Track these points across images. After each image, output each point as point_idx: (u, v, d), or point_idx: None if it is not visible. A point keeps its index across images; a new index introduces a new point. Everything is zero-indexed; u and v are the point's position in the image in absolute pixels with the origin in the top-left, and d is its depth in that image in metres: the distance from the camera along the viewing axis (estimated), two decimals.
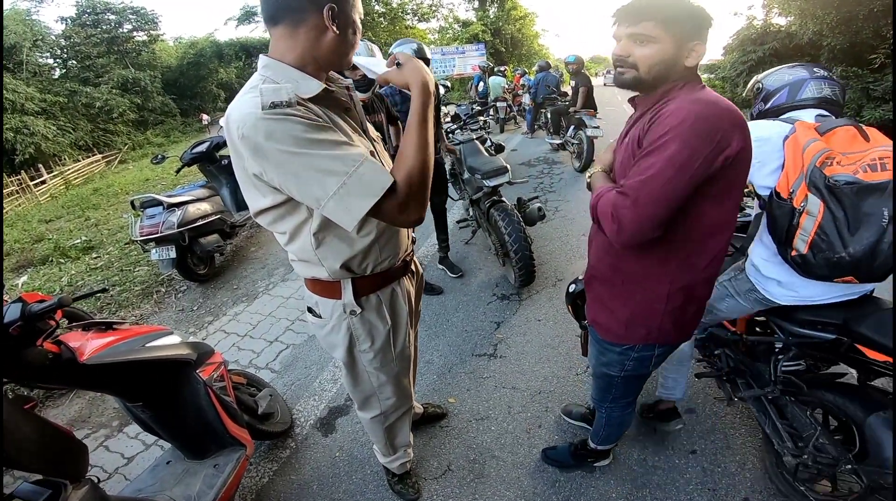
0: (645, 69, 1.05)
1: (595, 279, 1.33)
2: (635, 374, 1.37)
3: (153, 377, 1.54)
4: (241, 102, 0.91)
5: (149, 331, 1.62)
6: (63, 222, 8.90)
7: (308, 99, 0.96)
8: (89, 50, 24.65)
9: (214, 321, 3.44)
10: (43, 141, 19.05)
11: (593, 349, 1.44)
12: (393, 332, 1.33)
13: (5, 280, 5.23)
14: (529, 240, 3.13)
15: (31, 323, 1.28)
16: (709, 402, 2.12)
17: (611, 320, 1.28)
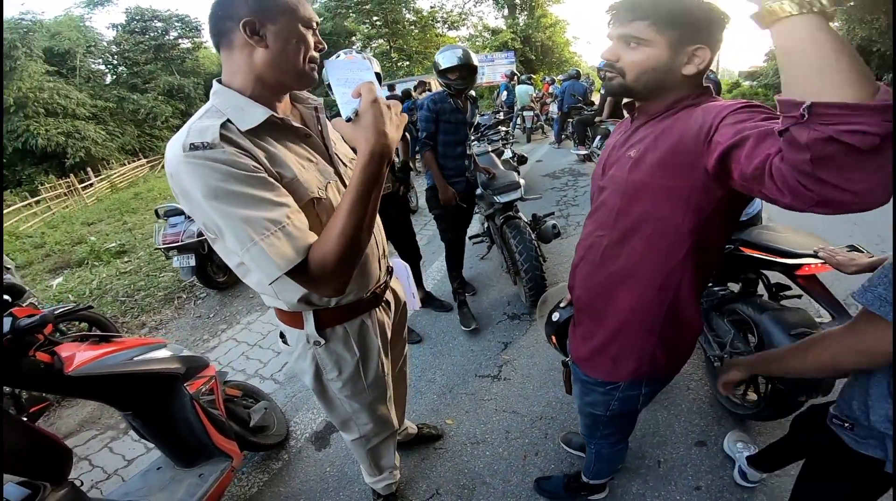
0: (632, 77, 0.94)
1: (581, 312, 1.23)
2: (622, 413, 1.28)
3: (141, 388, 1.59)
4: (174, 138, 0.86)
5: (142, 344, 1.66)
6: (103, 224, 9.35)
7: (254, 128, 0.91)
8: (137, 57, 25.73)
9: (228, 330, 3.51)
10: (93, 145, 20.06)
11: (576, 387, 1.35)
12: (362, 363, 1.28)
13: (44, 281, 5.52)
14: (542, 259, 3.05)
15: (20, 336, 1.34)
16: (722, 435, 2.00)
17: (596, 355, 1.18)
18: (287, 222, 0.85)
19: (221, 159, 0.81)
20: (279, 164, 0.93)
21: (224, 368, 2.97)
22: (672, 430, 2.05)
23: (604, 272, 1.09)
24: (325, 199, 1.00)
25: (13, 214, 11.96)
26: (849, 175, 0.58)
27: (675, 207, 0.91)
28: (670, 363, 1.14)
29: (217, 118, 0.88)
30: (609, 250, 1.07)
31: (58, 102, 19.31)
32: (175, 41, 27.69)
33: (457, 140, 2.81)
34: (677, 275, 0.99)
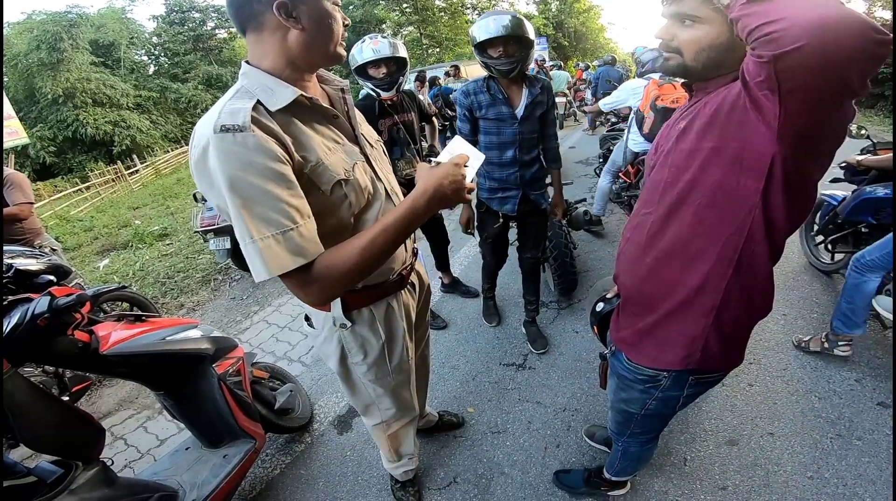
0: (691, 56, 0.88)
1: (629, 300, 1.15)
2: (658, 413, 1.22)
3: (172, 368, 1.63)
4: (205, 118, 0.86)
5: (175, 324, 1.71)
6: (147, 209, 9.76)
7: (282, 108, 0.91)
8: (177, 47, 26.48)
9: (260, 312, 3.60)
10: (137, 133, 20.86)
11: (612, 382, 1.30)
12: (388, 346, 1.29)
13: (92, 262, 5.81)
14: (572, 246, 2.98)
15: (57, 315, 1.39)
16: (756, 434, 1.93)
17: (641, 337, 1.10)
18: (291, 227, 0.84)
19: (250, 145, 0.81)
20: (305, 148, 0.92)
21: (254, 349, 3.06)
22: (702, 427, 1.99)
23: (651, 253, 1.02)
24: (351, 180, 1.00)
25: (64, 199, 12.62)
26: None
27: (726, 169, 0.85)
28: (725, 353, 1.03)
29: (248, 100, 0.87)
30: (655, 226, 1.00)
31: (104, 92, 20.12)
32: (212, 31, 28.35)
33: (502, 142, 2.14)
34: (734, 246, 0.90)
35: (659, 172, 1.00)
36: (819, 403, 2.06)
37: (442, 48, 27.59)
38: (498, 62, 1.95)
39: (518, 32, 1.89)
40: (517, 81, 2.07)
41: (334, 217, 1.00)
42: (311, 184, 0.93)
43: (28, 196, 2.90)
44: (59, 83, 18.63)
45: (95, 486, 1.35)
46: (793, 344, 2.41)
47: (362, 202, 1.04)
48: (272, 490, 1.96)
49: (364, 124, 1.20)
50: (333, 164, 0.96)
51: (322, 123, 1.01)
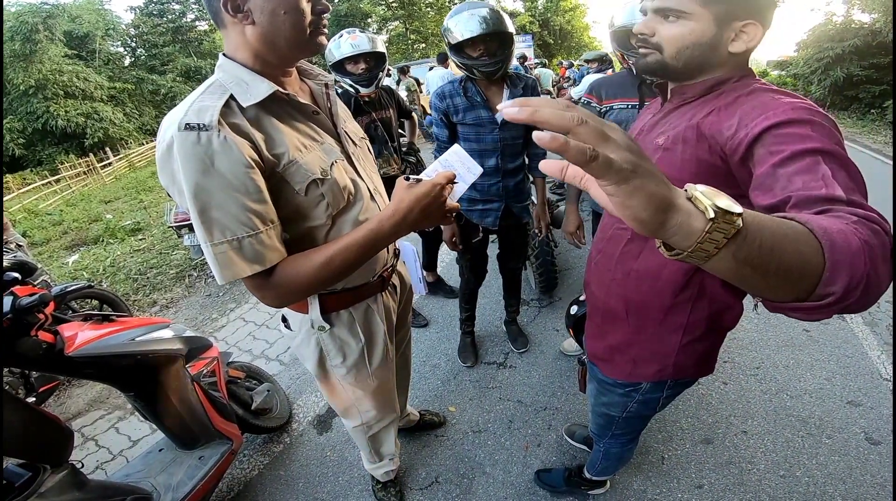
0: (672, 52, 0.83)
1: (597, 311, 1.14)
2: (640, 415, 1.22)
3: (143, 369, 1.57)
4: (173, 112, 0.82)
5: (145, 324, 1.65)
6: (120, 202, 9.48)
7: (259, 104, 0.87)
8: (156, 39, 25.80)
9: (236, 309, 3.52)
10: (111, 126, 20.26)
11: (592, 386, 1.29)
12: (367, 349, 1.25)
13: (60, 258, 5.61)
14: (554, 244, 2.99)
15: (20, 316, 1.33)
16: (730, 433, 1.97)
17: (614, 354, 1.11)
18: (249, 233, 0.82)
19: (214, 145, 0.78)
20: (277, 145, 0.89)
21: (231, 348, 2.99)
22: (678, 425, 2.01)
23: (622, 269, 1.01)
24: (329, 179, 0.96)
25: (33, 192, 12.18)
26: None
27: None
28: (696, 365, 1.05)
29: (219, 96, 0.84)
30: (630, 246, 0.99)
31: (76, 84, 19.50)
32: (192, 23, 27.70)
33: (483, 150, 1.94)
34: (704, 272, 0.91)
35: None
36: (791, 401, 2.11)
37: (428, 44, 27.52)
38: (479, 63, 1.76)
39: (498, 28, 1.71)
40: (497, 82, 1.89)
41: (309, 218, 0.97)
42: (283, 183, 0.90)
43: None
44: (31, 75, 18.01)
45: (65, 489, 1.31)
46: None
47: (341, 203, 1.00)
48: (250, 491, 1.92)
49: (350, 121, 1.17)
50: (308, 163, 0.92)
51: (300, 120, 0.97)
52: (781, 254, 0.45)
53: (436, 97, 1.96)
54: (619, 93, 1.84)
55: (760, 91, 0.79)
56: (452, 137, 2.01)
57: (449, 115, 1.94)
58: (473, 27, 1.70)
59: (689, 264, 0.88)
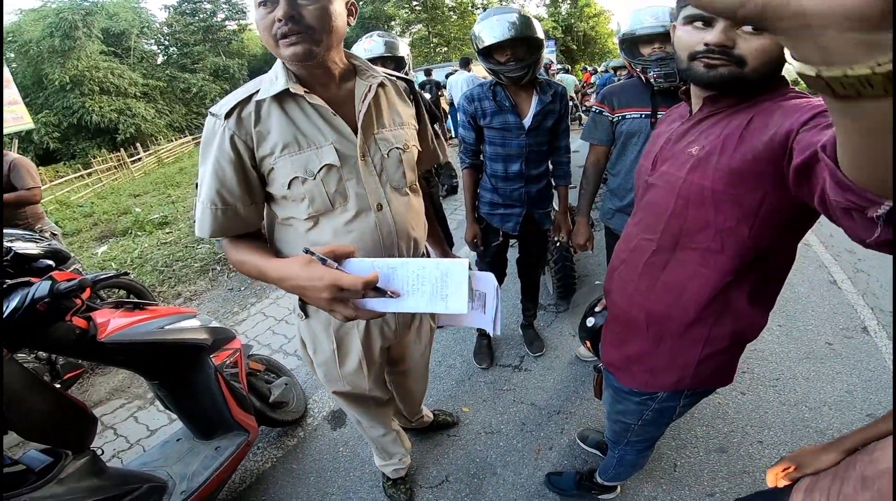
0: (756, 65, 0.79)
1: (617, 320, 1.14)
2: (655, 423, 1.21)
3: (169, 358, 1.62)
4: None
5: (173, 313, 1.70)
6: (148, 197, 9.74)
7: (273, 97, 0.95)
8: (188, 38, 26.49)
9: (257, 303, 3.60)
10: (142, 122, 20.93)
11: (608, 394, 1.28)
12: (339, 355, 1.23)
13: (90, 248, 5.81)
14: (573, 250, 2.98)
15: (57, 300, 1.37)
16: (746, 442, 1.94)
17: (631, 364, 1.10)
18: (217, 206, 0.98)
19: (217, 132, 0.95)
20: (268, 144, 0.97)
21: (250, 341, 3.05)
22: (693, 434, 2.00)
23: (647, 280, 1.00)
24: (311, 180, 0.98)
25: (66, 184, 12.61)
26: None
27: (741, 216, 0.82)
28: (718, 374, 1.03)
29: (246, 91, 0.97)
30: (656, 257, 0.97)
31: (111, 80, 20.18)
32: (222, 23, 28.39)
33: (507, 155, 1.96)
34: (734, 287, 0.90)
35: (662, 197, 0.94)
36: (809, 413, 2.07)
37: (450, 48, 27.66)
38: (506, 68, 1.77)
39: (527, 33, 1.72)
40: (527, 87, 1.89)
41: (291, 210, 1.03)
42: (270, 174, 0.99)
43: (36, 180, 2.90)
44: (68, 71, 18.72)
45: (84, 476, 1.34)
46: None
47: (322, 208, 1.01)
48: (262, 483, 1.96)
49: (399, 127, 1.12)
50: (295, 162, 0.97)
51: (312, 118, 0.99)
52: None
53: (464, 100, 1.98)
54: (632, 102, 1.79)
55: (795, 97, 0.79)
56: (479, 142, 2.04)
57: (476, 118, 1.95)
58: (501, 32, 1.71)
59: (716, 279, 0.89)
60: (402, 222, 1.10)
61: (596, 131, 1.92)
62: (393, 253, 1.11)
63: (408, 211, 1.13)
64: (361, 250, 1.05)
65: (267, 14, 0.87)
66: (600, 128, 1.90)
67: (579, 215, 2.10)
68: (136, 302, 1.65)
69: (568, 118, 2.05)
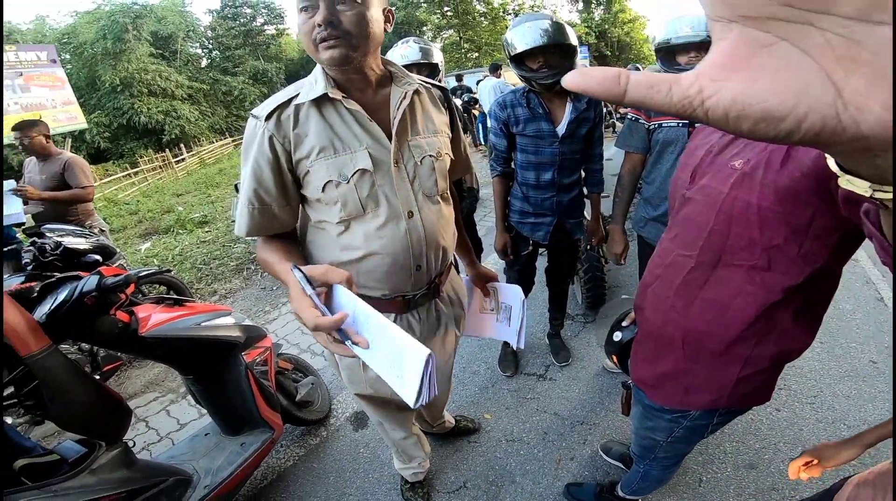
0: None
1: (649, 337, 1.10)
2: (686, 440, 1.18)
3: (204, 354, 1.68)
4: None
5: (210, 310, 1.77)
6: (190, 196, 10.13)
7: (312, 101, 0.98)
8: (229, 42, 27.42)
9: (288, 303, 3.69)
10: (186, 124, 21.77)
11: (637, 410, 1.26)
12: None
13: (134, 244, 6.09)
14: (604, 260, 2.94)
15: (104, 295, 1.45)
16: (777, 459, 1.88)
17: (664, 381, 1.06)
18: (253, 205, 1.02)
19: (258, 134, 0.99)
20: (304, 147, 1.00)
21: (280, 340, 3.14)
22: (721, 449, 1.95)
23: (684, 297, 0.96)
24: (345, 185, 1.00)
25: (114, 182, 13.25)
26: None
27: (789, 234, 0.79)
28: (756, 393, 1.00)
29: (287, 94, 1.01)
30: (695, 274, 0.94)
31: (158, 83, 21.06)
32: (261, 27, 29.19)
33: (540, 163, 1.94)
34: (781, 306, 0.87)
35: (701, 212, 0.91)
36: (847, 431, 1.98)
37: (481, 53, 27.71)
38: (539, 75, 1.76)
39: (559, 40, 1.70)
40: (560, 94, 1.87)
41: (324, 213, 1.06)
42: (306, 177, 1.02)
43: (90, 179, 3.08)
44: (119, 72, 19.63)
45: (115, 467, 1.37)
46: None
47: (354, 212, 1.03)
48: (283, 480, 2.01)
49: (433, 135, 1.12)
50: (330, 166, 1.00)
51: (349, 122, 1.01)
52: None
53: (497, 107, 1.95)
54: None
55: None
56: (510, 149, 2.02)
57: (509, 125, 1.93)
58: (533, 38, 1.71)
59: (763, 297, 0.85)
60: (432, 230, 1.11)
61: (632, 139, 1.89)
62: (421, 261, 1.12)
63: (438, 219, 1.14)
64: (390, 256, 1.08)
65: (308, 19, 0.90)
66: (636, 135, 1.87)
67: (614, 224, 2.06)
68: (176, 298, 1.73)
69: (602, 126, 2.01)
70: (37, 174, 3.01)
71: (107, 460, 1.35)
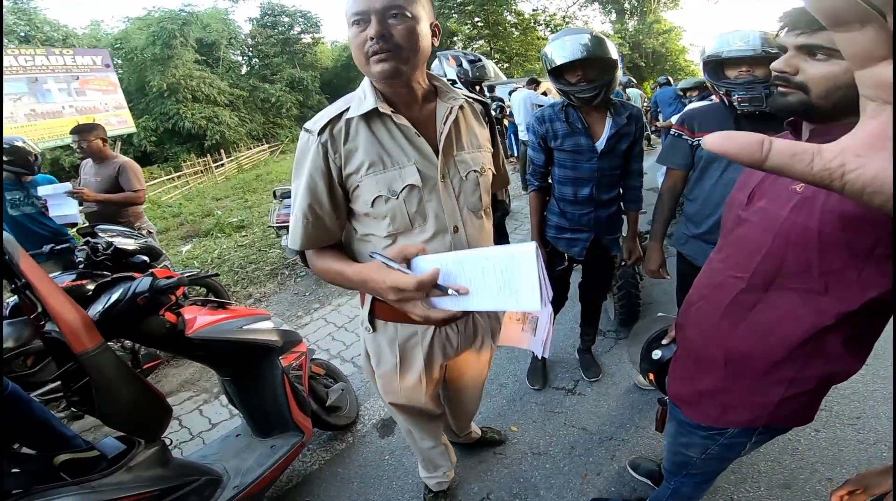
0: (820, 92, 0.76)
1: (689, 356, 1.09)
2: (721, 458, 1.15)
3: (244, 356, 1.75)
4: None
5: (251, 314, 1.85)
6: (228, 201, 10.50)
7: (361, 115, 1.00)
8: (268, 50, 28.03)
9: (320, 309, 3.79)
10: (227, 129, 22.48)
11: (672, 426, 1.24)
12: (401, 369, 1.27)
13: (176, 246, 6.34)
14: (639, 277, 2.90)
15: (156, 296, 1.50)
16: (814, 479, 1.83)
17: (701, 398, 1.04)
18: (307, 219, 1.03)
19: (311, 148, 1.01)
20: (355, 162, 1.02)
21: (311, 345, 3.21)
22: (756, 468, 1.90)
23: (731, 319, 0.94)
24: (394, 200, 1.03)
25: (158, 185, 13.84)
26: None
27: (849, 259, 0.77)
28: (798, 414, 0.98)
29: (341, 106, 1.03)
30: (744, 296, 0.92)
31: (202, 89, 21.86)
32: (298, 36, 29.77)
33: (578, 178, 1.92)
34: (832, 331, 0.84)
35: (757, 234, 0.89)
36: (889, 452, 1.91)
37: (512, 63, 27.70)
38: (577, 89, 1.74)
39: (599, 53, 1.68)
40: (600, 109, 1.85)
41: (372, 227, 1.08)
42: (355, 191, 1.04)
43: (142, 183, 3.26)
44: (166, 78, 20.44)
45: (152, 465, 1.40)
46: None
47: (402, 227, 1.06)
48: (308, 484, 2.05)
49: (478, 150, 1.15)
50: (380, 181, 1.02)
51: (397, 137, 1.03)
52: None
53: (535, 121, 1.95)
54: (713, 126, 1.72)
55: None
56: (548, 163, 2.01)
57: (547, 139, 1.92)
58: (572, 52, 1.70)
59: (814, 320, 0.83)
60: (475, 245, 1.14)
61: (674, 155, 1.84)
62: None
63: (480, 234, 1.16)
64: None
65: (360, 32, 0.92)
66: (679, 151, 1.83)
67: (652, 240, 2.03)
68: (220, 301, 1.82)
69: (643, 141, 2.00)
70: (92, 176, 3.19)
71: (144, 458, 1.38)
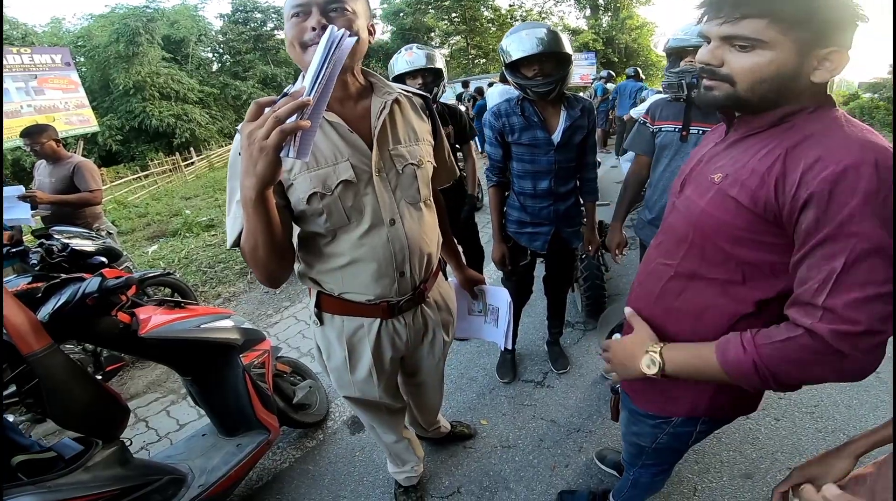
0: (746, 86, 0.74)
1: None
2: (670, 447, 1.18)
3: (202, 355, 1.71)
4: None
5: (210, 313, 1.81)
6: (198, 200, 10.26)
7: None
8: (240, 46, 27.56)
9: (290, 307, 3.73)
10: (197, 127, 22.01)
11: (624, 414, 1.27)
12: (350, 362, 1.27)
13: (142, 247, 6.17)
14: (604, 268, 2.94)
15: (105, 296, 1.47)
16: (774, 469, 1.87)
17: (647, 386, 1.06)
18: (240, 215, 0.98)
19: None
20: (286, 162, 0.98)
21: (280, 343, 3.16)
22: (718, 458, 1.94)
23: (662, 305, 0.96)
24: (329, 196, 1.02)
25: (124, 185, 13.45)
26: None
27: (764, 251, 0.79)
28: (738, 404, 1.00)
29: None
30: (672, 284, 0.94)
31: (171, 86, 21.32)
32: (271, 32, 29.37)
33: (536, 171, 1.95)
34: (750, 319, 0.85)
35: (681, 223, 0.91)
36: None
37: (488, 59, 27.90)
38: (533, 83, 1.76)
39: (554, 48, 1.70)
40: (554, 103, 1.89)
41: (311, 224, 1.07)
42: (290, 189, 1.03)
43: (98, 183, 3.14)
44: (132, 76, 19.90)
45: (110, 465, 1.39)
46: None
47: (339, 222, 1.05)
48: (278, 482, 2.03)
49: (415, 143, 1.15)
50: (314, 178, 1.01)
51: (329, 136, 1.03)
52: (701, 374, 0.85)
53: (491, 116, 1.95)
54: (670, 115, 1.81)
55: (834, 127, 0.72)
56: (506, 158, 2.03)
57: (504, 134, 1.93)
58: (528, 47, 1.71)
59: (734, 309, 0.86)
60: (415, 237, 1.14)
61: (639, 141, 1.96)
62: (404, 267, 1.15)
63: (421, 226, 1.16)
64: (374, 263, 1.11)
65: (299, 23, 0.93)
66: (642, 138, 1.93)
67: (614, 220, 2.12)
68: (177, 301, 1.77)
69: (595, 134, 2.04)
70: (46, 177, 3.07)
71: (102, 458, 1.36)
